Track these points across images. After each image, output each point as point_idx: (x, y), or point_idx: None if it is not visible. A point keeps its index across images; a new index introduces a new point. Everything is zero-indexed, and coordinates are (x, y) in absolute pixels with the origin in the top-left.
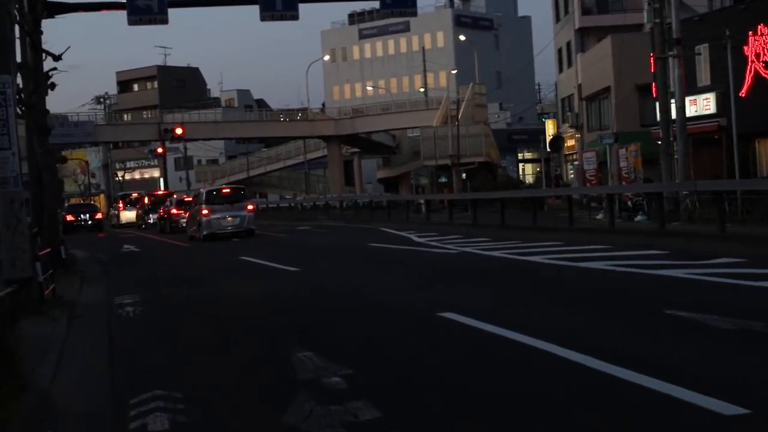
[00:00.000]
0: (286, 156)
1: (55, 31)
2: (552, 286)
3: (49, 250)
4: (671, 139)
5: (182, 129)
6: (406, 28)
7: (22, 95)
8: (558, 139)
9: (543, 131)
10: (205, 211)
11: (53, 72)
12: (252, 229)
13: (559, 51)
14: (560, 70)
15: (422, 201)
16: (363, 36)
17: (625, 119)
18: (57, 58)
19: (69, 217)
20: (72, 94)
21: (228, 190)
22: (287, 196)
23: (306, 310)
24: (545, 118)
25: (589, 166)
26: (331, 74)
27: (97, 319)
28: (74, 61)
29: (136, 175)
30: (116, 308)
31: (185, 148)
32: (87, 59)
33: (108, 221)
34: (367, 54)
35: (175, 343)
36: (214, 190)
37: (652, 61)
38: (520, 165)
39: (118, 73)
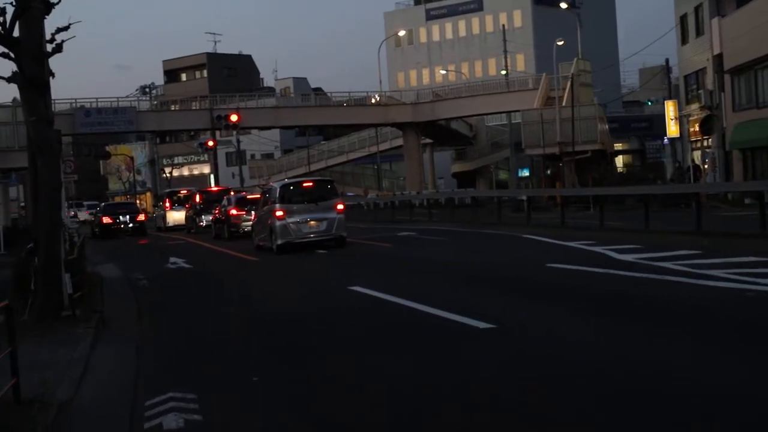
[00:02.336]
0: (350, 149)
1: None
2: None
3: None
4: None
5: (237, 115)
6: (478, 7)
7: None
8: (710, 120)
9: (634, 119)
10: (279, 213)
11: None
12: (343, 236)
13: (682, 19)
14: (683, 41)
15: (524, 198)
16: (431, 17)
17: None
18: None
19: (105, 220)
20: (119, 94)
21: (310, 184)
22: (349, 194)
23: None
24: (651, 102)
25: None
26: (396, 59)
27: None
28: (123, 61)
29: (185, 172)
30: None
31: (238, 141)
32: (136, 59)
33: (152, 224)
34: (435, 36)
35: None
36: (291, 185)
37: None
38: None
39: (164, 62)
